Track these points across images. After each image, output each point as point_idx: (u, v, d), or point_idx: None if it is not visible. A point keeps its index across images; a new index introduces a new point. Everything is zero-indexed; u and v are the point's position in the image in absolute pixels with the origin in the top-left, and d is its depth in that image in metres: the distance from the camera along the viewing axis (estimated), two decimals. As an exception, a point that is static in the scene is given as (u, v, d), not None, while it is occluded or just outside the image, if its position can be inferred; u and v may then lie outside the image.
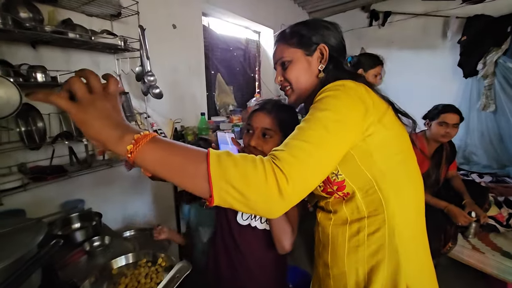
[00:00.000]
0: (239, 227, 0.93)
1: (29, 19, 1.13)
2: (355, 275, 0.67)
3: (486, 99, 2.70)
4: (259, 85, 3.24)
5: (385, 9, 3.33)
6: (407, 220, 0.65)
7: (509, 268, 1.55)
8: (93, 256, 1.15)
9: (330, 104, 0.57)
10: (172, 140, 0.47)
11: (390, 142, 0.62)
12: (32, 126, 1.22)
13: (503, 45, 2.56)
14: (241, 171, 0.44)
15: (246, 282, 0.94)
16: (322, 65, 0.72)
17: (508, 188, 2.32)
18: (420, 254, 0.69)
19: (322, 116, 0.54)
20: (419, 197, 0.69)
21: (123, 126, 0.44)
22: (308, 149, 0.50)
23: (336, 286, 0.72)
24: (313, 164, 0.50)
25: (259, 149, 0.86)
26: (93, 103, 0.42)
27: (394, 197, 0.62)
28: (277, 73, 0.78)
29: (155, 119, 1.76)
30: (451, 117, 1.61)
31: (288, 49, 0.74)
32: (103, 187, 1.62)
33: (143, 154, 0.42)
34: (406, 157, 0.66)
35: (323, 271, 0.77)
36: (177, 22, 1.97)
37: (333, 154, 0.54)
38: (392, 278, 0.63)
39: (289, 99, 0.79)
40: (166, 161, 0.44)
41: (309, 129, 0.53)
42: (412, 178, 0.67)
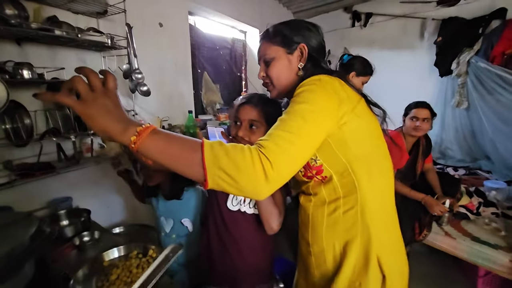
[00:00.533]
0: (229, 212, 0.99)
1: (14, 16, 1.14)
2: (333, 250, 0.75)
3: (459, 97, 2.86)
4: (246, 84, 3.29)
5: (366, 10, 3.46)
6: (377, 199, 0.73)
7: (478, 252, 1.67)
8: (83, 250, 1.17)
9: (307, 97, 0.63)
10: (171, 132, 0.52)
11: (362, 130, 0.69)
12: (19, 123, 1.22)
13: (475, 45, 2.71)
14: (232, 159, 0.49)
15: (237, 264, 1.00)
16: (301, 63, 0.78)
17: (479, 179, 2.49)
18: (389, 229, 0.77)
19: (300, 108, 0.61)
20: (389, 178, 0.78)
21: (126, 119, 0.49)
22: (289, 138, 0.56)
23: (317, 262, 0.80)
24: (294, 150, 0.56)
25: (246, 139, 0.92)
26: (96, 100, 0.47)
27: (366, 179, 0.70)
28: (260, 68, 0.84)
29: (142, 117, 1.78)
30: (421, 111, 1.73)
31: (271, 47, 0.79)
32: (91, 184, 1.63)
33: (145, 144, 0.47)
34: (377, 143, 0.74)
35: (305, 249, 0.85)
36: (163, 21, 1.99)
37: (312, 141, 0.61)
38: (365, 250, 0.71)
39: (271, 94, 0.86)
40: (165, 150, 0.49)
41: (289, 120, 0.59)
42: (383, 162, 0.75)
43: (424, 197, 1.77)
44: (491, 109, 2.64)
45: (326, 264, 0.78)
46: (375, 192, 0.72)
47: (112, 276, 0.89)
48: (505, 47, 2.51)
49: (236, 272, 1.01)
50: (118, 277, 0.90)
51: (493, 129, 2.64)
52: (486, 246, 1.67)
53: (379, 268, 0.71)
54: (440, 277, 1.99)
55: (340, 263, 0.74)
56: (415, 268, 1.99)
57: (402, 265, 0.79)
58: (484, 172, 2.71)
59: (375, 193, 0.72)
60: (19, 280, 0.79)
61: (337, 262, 0.76)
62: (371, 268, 0.70)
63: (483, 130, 2.75)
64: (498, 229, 1.81)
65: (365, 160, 0.69)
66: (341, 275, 0.73)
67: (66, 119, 1.33)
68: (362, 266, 0.72)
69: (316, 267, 0.81)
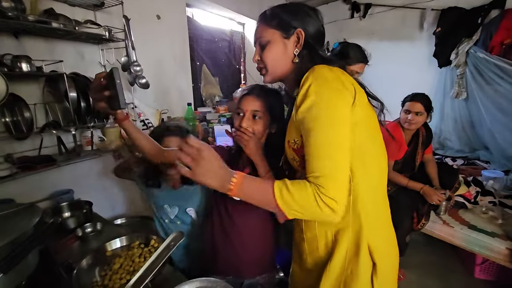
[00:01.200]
0: (234, 202, 1.00)
1: (11, 9, 1.13)
2: (325, 237, 0.77)
3: (458, 88, 2.85)
4: (245, 76, 3.28)
5: (365, 1, 3.42)
6: (369, 189, 0.73)
7: (475, 240, 1.70)
8: (86, 241, 1.18)
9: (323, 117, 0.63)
10: (251, 179, 0.66)
11: (361, 121, 0.69)
12: (19, 116, 1.22)
13: (474, 36, 2.70)
14: (302, 206, 0.61)
15: (240, 254, 1.02)
16: (297, 49, 0.76)
17: (477, 169, 2.51)
18: (380, 218, 0.78)
19: (328, 139, 0.63)
20: (383, 169, 0.78)
21: (222, 178, 0.65)
22: (333, 167, 0.61)
23: (310, 248, 0.81)
24: (342, 174, 0.62)
25: (249, 129, 0.93)
26: (202, 169, 0.62)
27: (361, 169, 0.70)
28: (256, 51, 0.82)
29: (142, 109, 1.78)
30: (414, 105, 1.72)
31: (267, 29, 0.77)
32: (92, 177, 1.64)
33: (237, 194, 0.65)
34: (373, 133, 0.74)
35: (298, 236, 0.86)
36: (161, 13, 1.97)
37: (347, 154, 0.64)
38: (355, 238, 0.72)
39: (264, 79, 0.84)
40: (250, 196, 0.66)
41: (327, 155, 0.62)
42: (377, 153, 0.75)
43: (423, 187, 1.79)
44: (489, 100, 2.64)
45: (319, 251, 0.79)
46: (368, 182, 0.72)
47: (115, 266, 0.91)
48: (503, 37, 2.50)
49: (239, 262, 1.03)
50: (121, 266, 0.91)
51: (492, 119, 2.65)
52: (483, 234, 1.70)
53: (369, 256, 0.72)
54: (438, 265, 2.02)
55: (332, 251, 0.76)
56: (413, 257, 2.04)
57: (392, 253, 0.80)
58: (482, 162, 2.73)
59: (368, 183, 0.72)
60: (23, 269, 0.80)
61: (328, 249, 0.77)
62: (362, 256, 0.71)
63: (481, 120, 2.76)
64: (495, 217, 1.83)
65: (360, 151, 0.69)
66: (333, 263, 0.74)
67: (65, 112, 1.33)
68: (353, 254, 0.73)
69: (309, 253, 0.82)
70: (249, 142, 0.91)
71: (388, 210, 0.81)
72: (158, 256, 0.71)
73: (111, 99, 0.83)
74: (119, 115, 0.89)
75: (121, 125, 0.91)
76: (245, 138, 0.91)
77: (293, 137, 0.74)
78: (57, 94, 1.33)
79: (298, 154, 0.74)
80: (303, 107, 0.66)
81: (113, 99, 0.82)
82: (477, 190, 2.00)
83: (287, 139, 0.78)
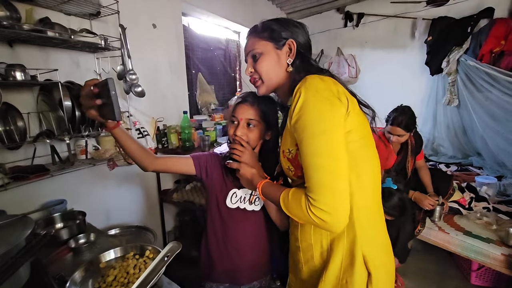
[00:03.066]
0: (228, 210, 1.01)
1: (6, 18, 1.12)
2: (320, 246, 0.77)
3: (450, 95, 2.91)
4: (240, 84, 3.30)
5: (358, 10, 3.50)
6: (364, 198, 0.73)
7: (471, 246, 1.71)
8: (79, 252, 1.15)
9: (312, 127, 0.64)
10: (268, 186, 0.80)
11: (354, 129, 0.69)
12: (12, 125, 1.21)
13: (464, 44, 2.78)
14: (297, 215, 0.68)
15: (236, 260, 1.02)
16: (290, 59, 0.78)
17: (470, 175, 2.54)
18: (375, 228, 0.78)
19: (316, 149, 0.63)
20: (376, 178, 0.78)
21: (255, 176, 0.86)
22: (325, 177, 0.62)
23: (305, 257, 0.81)
24: (336, 186, 0.62)
25: (244, 138, 0.93)
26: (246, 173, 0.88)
27: (354, 179, 0.70)
28: (248, 64, 0.83)
29: (137, 118, 1.77)
30: (394, 129, 1.72)
31: (259, 41, 0.79)
32: (86, 186, 1.61)
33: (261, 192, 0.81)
34: (366, 142, 0.74)
35: (294, 245, 0.86)
36: (157, 22, 1.98)
37: (341, 163, 0.64)
38: (350, 248, 0.72)
39: (259, 90, 0.84)
40: (268, 197, 0.80)
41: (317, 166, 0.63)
42: (371, 161, 0.75)
43: (413, 193, 1.81)
44: (480, 106, 2.70)
45: (314, 260, 0.79)
46: (362, 192, 0.72)
47: (109, 278, 0.88)
48: (493, 46, 2.57)
49: (235, 269, 1.03)
50: (115, 278, 0.89)
51: (483, 126, 2.70)
52: (478, 240, 1.71)
53: (364, 265, 0.72)
54: (435, 272, 2.03)
55: (327, 260, 0.75)
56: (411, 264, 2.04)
57: (387, 262, 0.79)
58: (476, 168, 2.77)
59: (362, 192, 0.72)
60: (15, 282, 0.78)
61: (324, 258, 0.77)
62: (357, 265, 0.71)
63: (473, 127, 2.81)
64: (490, 223, 1.85)
65: (354, 159, 0.69)
66: (328, 272, 0.74)
67: (60, 121, 1.32)
68: (348, 264, 0.72)
69: (304, 262, 0.82)
70: (242, 156, 0.92)
71: (383, 219, 0.81)
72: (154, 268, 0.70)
73: (102, 108, 0.81)
74: (109, 123, 0.87)
75: (111, 133, 0.89)
76: (238, 154, 0.92)
77: (288, 147, 0.75)
78: (51, 103, 1.32)
79: (293, 164, 0.74)
80: (295, 117, 0.67)
81: (105, 108, 0.80)
82: (471, 196, 2.02)
83: (282, 149, 0.79)
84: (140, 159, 0.94)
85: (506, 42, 2.52)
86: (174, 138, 2.00)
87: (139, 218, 1.99)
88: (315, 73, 0.72)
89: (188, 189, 2.09)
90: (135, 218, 1.96)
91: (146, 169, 0.97)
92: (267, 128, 0.97)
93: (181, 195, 2.01)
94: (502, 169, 2.62)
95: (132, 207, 1.95)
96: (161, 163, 0.98)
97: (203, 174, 1.03)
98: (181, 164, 1.02)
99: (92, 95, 0.81)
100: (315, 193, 0.62)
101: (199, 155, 1.05)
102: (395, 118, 1.73)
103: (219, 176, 1.03)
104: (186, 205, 1.98)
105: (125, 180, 1.85)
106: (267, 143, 0.99)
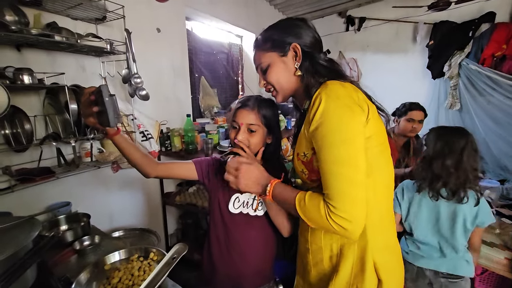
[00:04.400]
0: (230, 215, 1.00)
1: (15, 22, 1.15)
2: (330, 250, 0.77)
3: (452, 98, 2.92)
4: (242, 88, 3.31)
5: (360, 15, 3.53)
6: (377, 205, 0.72)
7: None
8: (83, 254, 1.16)
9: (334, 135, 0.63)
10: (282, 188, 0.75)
11: (373, 135, 0.69)
12: (19, 128, 1.22)
13: (465, 48, 2.79)
14: (314, 220, 0.67)
15: (238, 266, 1.01)
16: (297, 63, 0.76)
17: (473, 179, 2.53)
18: (387, 235, 0.78)
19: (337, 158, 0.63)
20: (390, 183, 0.78)
21: (259, 184, 0.78)
22: (345, 185, 0.62)
23: (314, 260, 0.81)
24: (356, 194, 0.62)
25: (245, 143, 0.94)
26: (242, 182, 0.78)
27: (371, 184, 0.69)
28: (260, 78, 0.84)
29: (141, 121, 1.78)
30: (417, 113, 1.78)
31: (264, 54, 0.79)
32: (90, 189, 1.63)
33: (272, 200, 0.76)
34: (384, 148, 0.74)
35: (303, 247, 0.86)
36: (161, 26, 2.01)
37: (360, 171, 0.64)
38: (361, 255, 0.72)
39: (277, 99, 0.85)
40: (280, 202, 0.76)
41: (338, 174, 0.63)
42: (387, 166, 0.75)
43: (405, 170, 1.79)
44: (482, 110, 2.70)
45: (323, 263, 0.79)
46: (376, 198, 0.72)
47: (114, 280, 0.89)
48: (494, 50, 2.58)
49: (238, 275, 1.02)
50: (120, 280, 0.89)
51: (486, 130, 2.70)
52: (481, 244, 1.70)
53: (375, 272, 0.72)
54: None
55: (336, 265, 0.75)
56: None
57: (398, 270, 0.79)
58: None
59: (377, 199, 0.72)
60: (22, 283, 0.79)
61: (333, 263, 0.77)
62: (368, 272, 0.71)
63: (475, 130, 2.80)
64: (493, 227, 1.84)
65: (371, 166, 0.68)
66: (338, 278, 0.73)
67: (66, 124, 1.33)
68: (358, 270, 0.72)
69: (313, 265, 0.82)
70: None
71: (394, 225, 0.81)
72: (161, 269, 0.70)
73: (100, 115, 0.82)
74: (109, 130, 0.87)
75: (112, 140, 0.90)
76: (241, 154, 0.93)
77: (303, 150, 0.74)
78: (57, 106, 1.33)
79: (308, 167, 0.74)
80: (315, 123, 0.66)
81: (103, 115, 0.81)
82: (474, 199, 2.01)
83: (297, 152, 0.78)
84: (141, 166, 0.94)
85: (507, 46, 2.53)
86: (177, 141, 2.01)
87: (141, 220, 2.00)
88: (326, 74, 0.73)
89: (191, 191, 2.10)
90: (138, 221, 1.97)
91: (148, 176, 0.97)
92: (268, 132, 0.97)
93: (183, 197, 2.02)
94: (504, 173, 2.61)
95: (135, 210, 1.96)
96: (162, 169, 0.99)
97: (205, 179, 1.04)
98: (183, 170, 1.03)
99: (90, 103, 0.81)
100: (335, 200, 0.62)
101: (200, 160, 1.05)
102: (411, 105, 1.80)
103: (221, 181, 1.02)
104: (188, 208, 1.98)
105: (128, 183, 1.86)
106: (268, 147, 1.00)
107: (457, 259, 1.26)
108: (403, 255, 1.26)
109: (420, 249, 1.31)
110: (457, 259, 1.26)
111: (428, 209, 1.28)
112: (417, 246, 1.32)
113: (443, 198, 1.22)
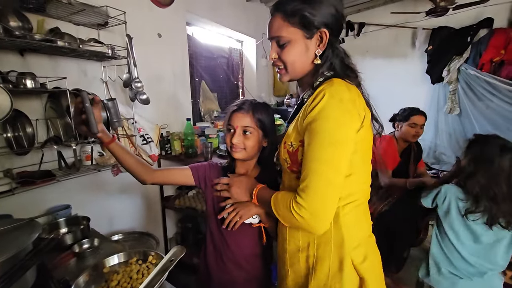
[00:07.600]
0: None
1: (18, 28, 1.16)
2: (306, 250, 0.75)
3: (451, 103, 2.93)
4: (243, 92, 3.34)
5: (359, 20, 3.56)
6: (353, 203, 0.73)
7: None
8: (83, 257, 1.16)
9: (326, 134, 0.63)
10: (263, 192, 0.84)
11: (360, 142, 0.69)
12: (21, 131, 1.24)
13: (464, 53, 2.81)
14: (283, 216, 0.71)
15: (234, 273, 1.01)
16: (319, 50, 0.71)
17: (473, 183, 2.53)
18: (362, 230, 0.77)
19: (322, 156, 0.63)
20: (366, 184, 0.77)
21: (248, 190, 0.89)
22: (321, 183, 0.63)
23: (291, 261, 0.80)
24: (328, 195, 0.64)
25: (241, 146, 0.94)
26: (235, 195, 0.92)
27: (347, 183, 0.69)
28: (272, 49, 0.76)
29: (142, 125, 1.80)
30: (419, 118, 1.79)
31: (288, 28, 0.71)
32: (90, 192, 1.64)
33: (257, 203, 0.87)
34: (366, 154, 0.74)
35: (281, 247, 0.84)
36: (162, 31, 2.04)
37: (340, 175, 0.65)
38: (338, 254, 0.71)
39: (282, 78, 0.79)
40: (263, 204, 0.84)
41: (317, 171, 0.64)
42: (363, 167, 0.75)
43: (422, 178, 1.83)
44: (482, 115, 2.71)
45: (300, 264, 0.77)
46: (352, 196, 0.72)
47: (113, 283, 0.89)
48: (492, 55, 2.60)
49: (233, 282, 1.01)
50: (119, 283, 0.89)
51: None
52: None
53: (355, 271, 0.71)
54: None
55: (313, 266, 0.74)
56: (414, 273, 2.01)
57: (378, 268, 0.78)
58: (478, 177, 2.75)
59: (352, 197, 0.72)
60: (22, 285, 0.80)
61: (309, 264, 0.75)
62: (346, 271, 0.70)
63: (475, 135, 2.82)
64: (493, 231, 1.83)
65: (350, 167, 0.68)
66: (315, 279, 0.72)
67: (67, 128, 1.35)
68: (336, 270, 0.71)
69: (290, 265, 0.80)
70: (231, 190, 0.94)
71: (369, 216, 0.81)
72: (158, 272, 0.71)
73: (87, 122, 0.83)
74: (103, 138, 0.86)
75: (107, 148, 0.90)
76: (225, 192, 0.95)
77: (291, 140, 0.73)
78: (59, 110, 1.35)
79: (291, 158, 0.74)
80: (310, 118, 0.66)
81: (88, 122, 0.82)
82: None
83: (285, 140, 0.77)
84: (138, 173, 0.95)
85: (506, 51, 2.55)
86: (177, 145, 2.02)
87: (141, 224, 2.00)
88: (339, 68, 0.72)
89: (191, 195, 2.11)
90: (137, 224, 1.97)
91: (144, 183, 0.98)
92: (263, 136, 0.97)
93: (183, 201, 2.03)
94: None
95: (135, 213, 1.97)
96: (159, 176, 0.99)
97: (202, 184, 1.03)
98: (180, 176, 1.03)
99: (80, 112, 0.82)
100: (306, 193, 0.64)
101: (197, 165, 1.05)
102: (412, 110, 1.84)
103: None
104: (188, 212, 1.99)
105: (128, 186, 1.87)
106: (263, 150, 1.00)
107: (494, 279, 1.25)
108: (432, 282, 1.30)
109: (457, 267, 1.26)
110: (494, 279, 1.25)
111: (465, 227, 1.22)
112: (453, 264, 1.27)
113: (500, 226, 1.14)
